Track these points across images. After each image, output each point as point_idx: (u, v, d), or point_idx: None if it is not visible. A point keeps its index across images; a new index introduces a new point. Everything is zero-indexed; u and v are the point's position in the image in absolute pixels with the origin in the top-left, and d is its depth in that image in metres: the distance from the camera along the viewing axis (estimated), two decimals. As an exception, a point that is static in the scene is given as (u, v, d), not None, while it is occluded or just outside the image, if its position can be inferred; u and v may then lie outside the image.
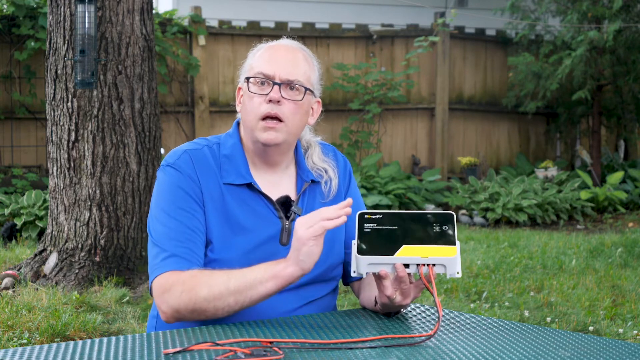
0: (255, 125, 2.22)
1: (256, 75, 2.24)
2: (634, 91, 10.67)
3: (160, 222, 2.17)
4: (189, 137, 9.58)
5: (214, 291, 2.04)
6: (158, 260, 2.13)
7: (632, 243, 7.49)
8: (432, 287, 1.97)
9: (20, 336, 4.40)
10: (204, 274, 2.08)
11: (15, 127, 8.93)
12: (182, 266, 2.11)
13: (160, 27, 9.16)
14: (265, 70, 2.23)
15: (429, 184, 9.95)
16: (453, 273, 2.00)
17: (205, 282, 2.05)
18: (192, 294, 2.05)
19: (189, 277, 2.08)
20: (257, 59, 2.28)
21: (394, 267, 2.00)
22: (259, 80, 2.23)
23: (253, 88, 2.24)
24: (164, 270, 2.11)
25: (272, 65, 2.23)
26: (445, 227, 2.03)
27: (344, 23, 11.01)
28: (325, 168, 2.35)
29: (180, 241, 2.14)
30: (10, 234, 7.34)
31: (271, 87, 2.22)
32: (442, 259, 1.98)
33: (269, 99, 2.21)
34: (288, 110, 2.22)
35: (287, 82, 2.22)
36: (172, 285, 2.08)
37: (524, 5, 10.66)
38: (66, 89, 5.60)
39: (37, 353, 1.77)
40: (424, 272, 1.99)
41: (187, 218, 2.17)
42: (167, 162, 2.24)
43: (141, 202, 5.66)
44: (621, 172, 10.30)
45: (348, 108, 10.16)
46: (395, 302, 2.06)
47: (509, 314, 5.16)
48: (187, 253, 2.13)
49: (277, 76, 2.22)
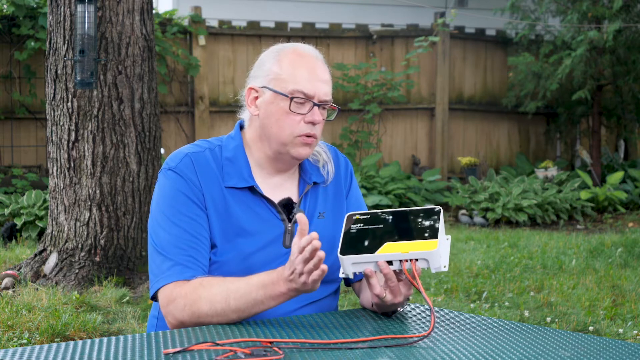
0: (291, 141, 2.22)
1: (298, 96, 2.20)
2: (634, 91, 10.67)
3: (163, 228, 2.17)
4: (189, 137, 9.58)
5: (215, 308, 2.05)
6: (162, 270, 2.13)
7: (632, 243, 7.49)
8: (417, 282, 1.97)
9: (20, 336, 4.40)
10: (205, 287, 2.08)
11: (15, 127, 8.93)
12: (185, 276, 2.11)
13: (160, 27, 9.16)
14: (307, 90, 2.20)
15: (429, 184, 9.95)
16: (438, 267, 1.99)
17: (206, 298, 2.05)
18: (194, 308, 2.06)
19: (191, 290, 2.08)
20: (288, 69, 2.23)
21: (377, 265, 2.01)
22: (300, 101, 2.21)
23: (294, 107, 2.21)
24: (168, 281, 2.12)
25: (312, 84, 2.21)
26: (430, 222, 2.03)
27: (344, 23, 11.01)
28: (317, 152, 2.36)
29: (183, 249, 2.14)
30: (10, 234, 7.34)
31: (310, 107, 2.21)
32: (422, 253, 1.98)
33: (310, 121, 2.21)
34: (320, 128, 2.25)
35: (324, 103, 2.23)
36: (176, 298, 2.09)
37: (524, 5, 10.66)
38: (66, 89, 5.60)
39: (37, 353, 1.77)
40: (407, 268, 1.99)
41: (189, 224, 2.16)
42: (169, 165, 2.23)
43: (141, 202, 5.66)
44: (621, 172, 10.30)
45: (348, 108, 10.16)
46: (386, 301, 2.06)
47: (509, 314, 5.16)
48: (190, 261, 2.14)
49: (317, 97, 2.22)
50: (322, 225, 2.30)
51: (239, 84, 9.94)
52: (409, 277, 1.99)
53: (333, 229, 2.30)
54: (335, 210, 2.34)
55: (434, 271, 2.00)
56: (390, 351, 1.83)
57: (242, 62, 9.91)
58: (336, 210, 2.34)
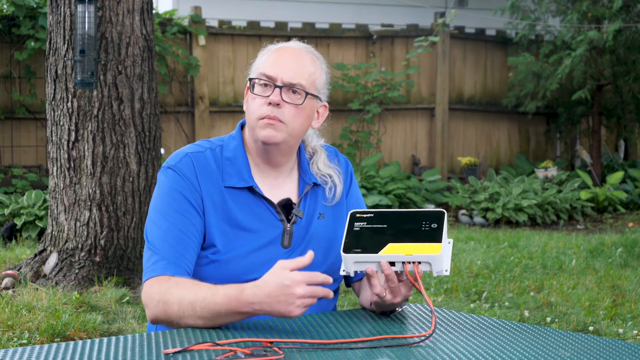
0: (255, 124, 2.22)
1: (259, 77, 2.23)
2: (634, 91, 10.67)
3: (155, 224, 2.19)
4: (189, 137, 9.58)
5: (183, 311, 2.03)
6: (149, 264, 2.15)
7: (632, 243, 7.49)
8: (419, 284, 1.98)
9: (20, 336, 4.40)
10: (178, 288, 2.06)
11: (15, 127, 8.93)
12: (169, 271, 2.12)
13: (160, 27, 9.16)
14: (269, 72, 2.22)
15: (429, 184, 9.95)
16: (440, 271, 1.99)
17: (176, 300, 2.04)
18: (165, 307, 2.06)
19: (166, 289, 2.07)
20: (263, 60, 2.27)
21: (379, 265, 2.01)
22: (262, 82, 2.23)
23: (256, 89, 2.24)
24: (152, 275, 2.13)
25: (276, 67, 2.22)
26: (434, 225, 2.03)
27: (344, 23, 11.01)
28: (330, 174, 2.35)
29: (171, 244, 2.15)
30: (10, 234, 7.34)
31: (272, 90, 2.21)
32: (426, 256, 1.98)
33: (268, 102, 2.20)
34: (288, 113, 2.21)
35: (289, 85, 2.21)
36: (153, 293, 2.09)
37: (524, 5, 10.66)
38: (66, 89, 5.60)
39: (37, 353, 1.77)
40: (409, 270, 1.99)
41: (180, 221, 2.17)
42: (169, 164, 2.25)
43: (141, 202, 5.66)
44: (621, 172, 10.30)
45: (348, 108, 10.16)
46: (385, 300, 2.06)
47: (509, 314, 5.16)
48: (176, 257, 2.14)
49: (280, 79, 2.21)
50: (322, 225, 2.30)
51: (239, 84, 9.94)
52: (411, 279, 1.99)
53: (333, 229, 2.30)
54: (335, 211, 2.34)
55: (435, 275, 2.00)
56: (391, 351, 1.83)
57: (242, 62, 9.91)
58: (336, 211, 2.34)
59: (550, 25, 10.84)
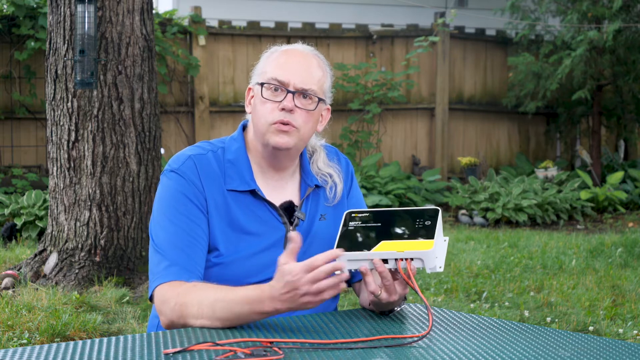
0: (267, 129, 2.21)
1: (270, 82, 2.21)
2: (634, 91, 10.67)
3: (162, 228, 2.18)
4: (189, 137, 9.58)
5: (202, 312, 2.02)
6: (160, 269, 2.14)
7: (632, 243, 7.48)
8: (412, 282, 1.98)
9: (20, 336, 4.40)
10: (197, 290, 2.06)
11: (15, 127, 8.93)
12: (181, 276, 2.11)
13: (160, 27, 9.16)
14: (280, 77, 2.21)
15: (429, 184, 9.95)
16: (433, 267, 1.99)
17: (196, 302, 2.03)
18: (183, 308, 2.05)
19: (184, 292, 2.07)
20: (271, 63, 2.25)
21: (372, 262, 2.01)
22: (273, 87, 2.21)
23: (266, 93, 2.22)
24: (164, 281, 2.12)
25: (287, 72, 2.21)
26: (428, 222, 2.04)
27: (344, 23, 11.01)
28: (330, 173, 2.35)
29: (181, 249, 2.14)
30: (10, 234, 7.34)
31: (285, 95, 2.20)
32: (417, 252, 1.98)
33: (282, 107, 2.19)
34: (300, 118, 2.21)
35: (301, 91, 2.21)
36: (169, 298, 2.08)
37: (524, 5, 10.66)
38: (66, 89, 5.60)
39: (37, 353, 1.77)
40: (402, 267, 1.99)
41: (188, 225, 2.17)
42: (171, 167, 2.23)
43: (141, 202, 5.66)
44: (621, 172, 10.30)
45: (348, 108, 10.16)
46: (381, 299, 2.06)
47: (509, 314, 5.16)
48: (187, 262, 2.14)
49: (292, 84, 2.20)
50: (324, 227, 2.30)
51: (239, 84, 9.94)
52: (404, 276, 2.00)
53: (334, 230, 2.30)
54: (337, 212, 2.34)
55: (429, 271, 2.00)
56: (390, 351, 1.83)
57: (242, 62, 9.91)
58: (337, 212, 2.34)
59: (550, 25, 10.84)
